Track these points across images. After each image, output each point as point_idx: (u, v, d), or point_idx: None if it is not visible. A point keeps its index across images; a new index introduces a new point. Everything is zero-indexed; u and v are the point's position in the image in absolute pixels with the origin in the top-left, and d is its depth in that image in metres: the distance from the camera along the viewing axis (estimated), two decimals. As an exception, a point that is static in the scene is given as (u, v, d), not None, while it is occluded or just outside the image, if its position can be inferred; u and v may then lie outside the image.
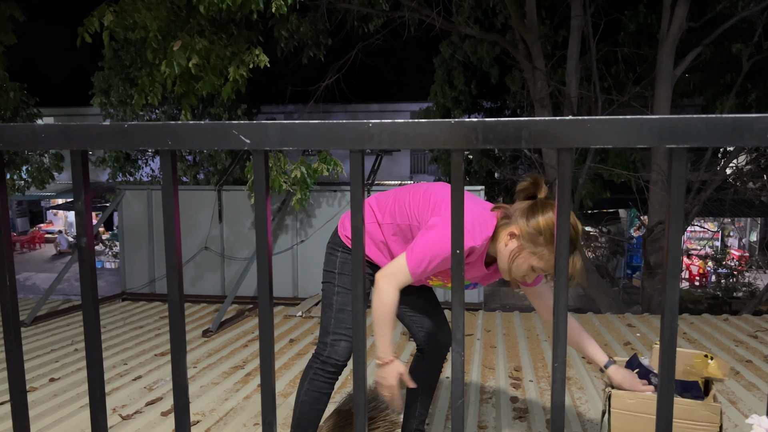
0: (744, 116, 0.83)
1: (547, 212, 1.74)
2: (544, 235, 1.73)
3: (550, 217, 1.73)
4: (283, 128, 0.94)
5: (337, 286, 2.05)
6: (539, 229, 1.74)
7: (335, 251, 2.09)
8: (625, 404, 1.87)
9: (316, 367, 2.04)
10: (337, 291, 2.05)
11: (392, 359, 1.87)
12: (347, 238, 2.05)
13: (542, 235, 1.73)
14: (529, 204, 1.79)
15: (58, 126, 0.98)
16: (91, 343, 1.05)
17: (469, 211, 1.82)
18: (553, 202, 1.75)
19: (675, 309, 0.92)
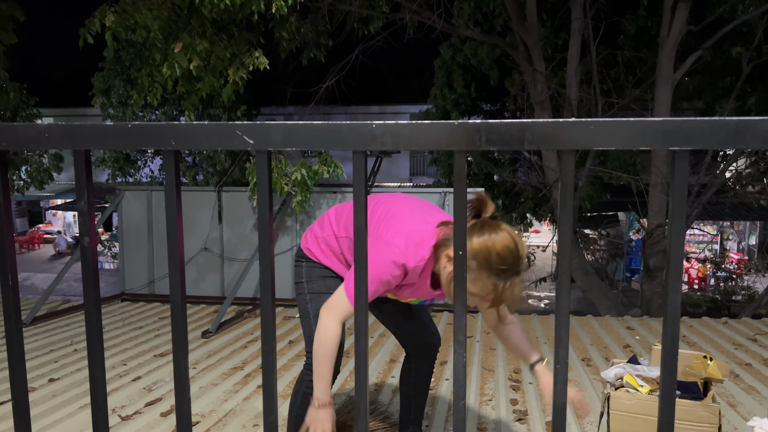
0: (747, 119, 0.84)
1: (484, 235, 1.62)
2: (477, 259, 1.61)
3: (485, 240, 1.61)
4: (286, 129, 0.94)
5: (308, 293, 2.07)
6: (472, 253, 1.61)
7: (300, 263, 2.12)
8: (623, 405, 1.87)
9: (308, 380, 2.01)
10: (309, 298, 2.06)
11: (329, 403, 1.80)
12: (308, 251, 2.09)
13: (475, 259, 1.61)
14: (469, 225, 1.67)
15: (61, 126, 0.99)
16: (93, 343, 1.05)
17: (407, 229, 1.79)
18: (498, 223, 1.67)
19: (677, 310, 0.92)
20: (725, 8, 7.34)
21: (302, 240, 2.17)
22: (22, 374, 1.09)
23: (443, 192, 6.15)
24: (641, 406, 1.84)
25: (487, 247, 1.60)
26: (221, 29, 5.50)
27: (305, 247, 2.12)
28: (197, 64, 5.00)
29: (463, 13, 8.55)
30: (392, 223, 1.82)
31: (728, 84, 8.77)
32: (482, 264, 1.61)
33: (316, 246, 2.09)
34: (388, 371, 3.61)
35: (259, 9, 4.82)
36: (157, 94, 5.58)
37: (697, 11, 7.78)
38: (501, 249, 1.60)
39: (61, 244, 21.40)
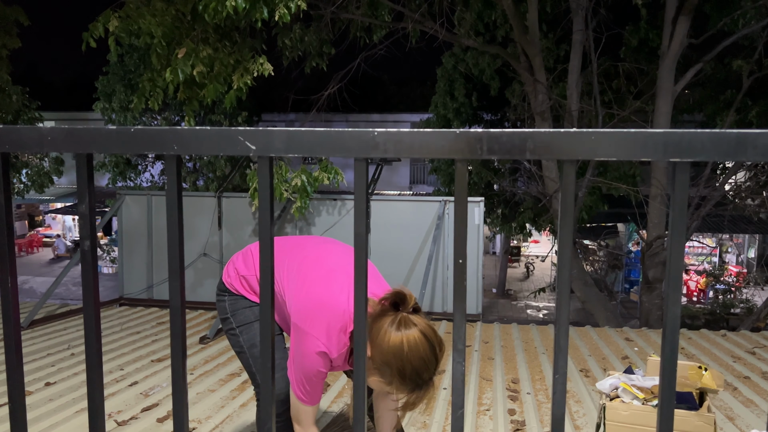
0: (749, 131, 0.84)
1: (399, 334, 1.51)
2: (390, 367, 1.52)
3: (400, 344, 1.50)
4: (288, 135, 0.95)
5: (237, 327, 2.00)
6: (386, 359, 1.52)
7: (222, 298, 2.06)
8: (619, 416, 1.87)
9: None
10: (239, 331, 2.00)
11: None
12: (232, 286, 2.03)
13: (389, 367, 1.52)
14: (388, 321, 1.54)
15: (64, 129, 0.99)
16: (91, 347, 1.05)
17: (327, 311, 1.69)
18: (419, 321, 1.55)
19: (676, 321, 0.92)
20: (726, 21, 7.37)
21: (224, 273, 2.09)
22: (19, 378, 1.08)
23: (443, 200, 6.16)
24: (636, 416, 1.84)
25: (402, 358, 1.51)
26: (224, 36, 5.52)
27: (228, 282, 2.04)
28: (200, 70, 5.02)
29: (464, 23, 8.59)
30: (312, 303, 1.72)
31: (729, 97, 8.80)
32: (395, 373, 1.53)
33: (239, 283, 2.02)
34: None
35: (263, 16, 4.84)
36: (159, 99, 5.60)
37: (698, 24, 7.82)
38: (417, 362, 1.51)
39: (60, 248, 21.39)
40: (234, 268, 2.04)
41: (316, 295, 1.74)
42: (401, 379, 1.53)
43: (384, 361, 1.52)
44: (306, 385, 1.73)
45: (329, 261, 1.85)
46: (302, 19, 7.23)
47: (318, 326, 1.69)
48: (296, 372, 1.73)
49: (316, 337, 1.69)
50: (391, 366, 1.52)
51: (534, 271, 21.39)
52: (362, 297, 0.99)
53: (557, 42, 9.69)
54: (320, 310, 1.71)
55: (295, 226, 6.42)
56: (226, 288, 2.04)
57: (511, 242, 20.01)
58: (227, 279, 2.05)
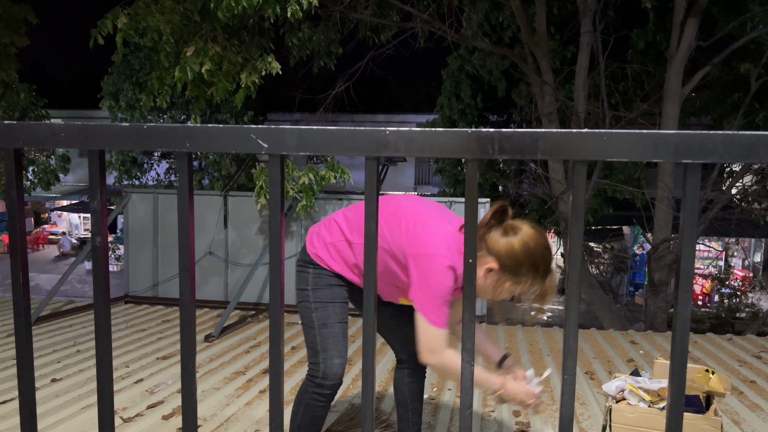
0: (761, 133, 0.84)
1: (518, 236, 1.67)
2: (525, 265, 1.68)
3: (525, 242, 1.66)
4: (300, 134, 0.95)
5: (314, 302, 2.01)
6: (519, 260, 1.67)
7: (306, 269, 2.05)
8: (625, 418, 1.86)
9: (311, 391, 1.98)
10: (314, 307, 2.00)
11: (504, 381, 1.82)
12: (317, 256, 2.02)
13: (523, 265, 1.68)
14: (500, 230, 1.70)
15: (77, 126, 0.99)
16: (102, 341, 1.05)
17: (443, 234, 1.78)
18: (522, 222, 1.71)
19: (686, 323, 0.92)
20: (734, 25, 7.34)
21: (308, 244, 2.07)
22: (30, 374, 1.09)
23: (449, 201, 6.16)
24: (643, 419, 1.83)
25: (531, 250, 1.67)
26: (232, 34, 5.53)
27: (313, 253, 2.03)
28: (209, 68, 5.03)
29: (472, 24, 8.58)
30: (424, 232, 1.80)
31: (736, 100, 8.77)
32: (529, 269, 1.69)
33: (326, 252, 2.01)
34: (390, 380, 3.60)
35: (275, 12, 4.84)
36: (167, 97, 5.62)
37: (707, 27, 7.80)
38: (543, 251, 1.69)
39: (66, 245, 21.46)
40: (319, 238, 2.03)
41: (429, 226, 1.81)
42: (535, 272, 1.70)
43: (517, 263, 1.67)
44: (439, 307, 1.74)
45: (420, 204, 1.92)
46: (311, 18, 7.24)
47: (440, 246, 1.75)
48: (426, 296, 1.75)
49: (441, 255, 1.74)
50: (524, 264, 1.67)
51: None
52: (371, 299, 0.99)
53: (565, 44, 9.68)
54: (437, 234, 1.78)
55: (301, 225, 6.43)
56: (311, 259, 2.03)
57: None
58: (312, 249, 2.04)
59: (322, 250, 2.02)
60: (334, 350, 1.96)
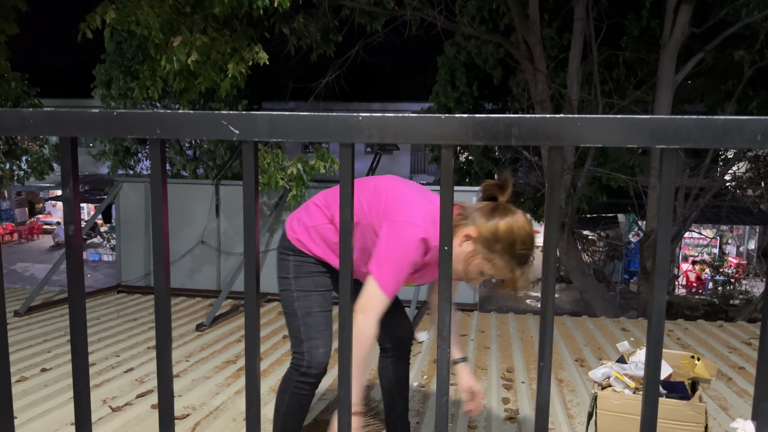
0: (735, 118, 0.83)
1: (507, 216, 1.66)
2: (501, 242, 1.66)
3: (510, 223, 1.65)
4: (272, 119, 0.94)
5: (296, 291, 1.97)
6: (498, 235, 1.66)
7: (287, 256, 2.01)
8: (610, 405, 1.87)
9: (296, 380, 1.96)
10: (297, 296, 1.97)
11: (362, 410, 1.82)
12: (298, 242, 1.98)
13: (500, 242, 1.66)
14: (490, 206, 1.70)
15: (46, 112, 0.98)
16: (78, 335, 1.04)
17: (420, 207, 1.76)
18: (516, 208, 1.71)
19: (662, 309, 0.91)
20: (728, 11, 7.32)
21: (288, 230, 2.03)
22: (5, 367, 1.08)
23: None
24: (628, 405, 1.84)
25: (513, 231, 1.65)
26: (224, 24, 5.49)
27: (294, 238, 1.99)
28: (196, 59, 4.99)
29: (466, 11, 8.53)
30: (402, 203, 1.78)
31: (730, 87, 8.76)
32: (506, 248, 1.66)
33: (307, 236, 1.97)
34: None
35: (264, 4, 4.80)
36: (158, 88, 5.58)
37: (700, 13, 7.76)
38: (525, 235, 1.67)
39: (60, 235, 21.40)
40: (300, 222, 2.00)
41: (406, 197, 1.80)
42: (510, 255, 1.68)
43: (494, 237, 1.65)
44: (394, 273, 1.71)
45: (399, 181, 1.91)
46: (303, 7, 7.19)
47: (415, 215, 1.73)
48: (385, 259, 1.72)
49: (415, 224, 1.72)
50: (501, 241, 1.65)
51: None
52: (346, 288, 0.98)
53: (558, 31, 9.63)
54: (413, 205, 1.77)
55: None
56: (292, 245, 1.99)
57: (511, 232, 19.97)
58: (292, 235, 2.00)
59: (303, 234, 1.99)
60: (318, 339, 1.94)
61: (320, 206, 1.97)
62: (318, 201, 1.99)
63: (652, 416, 0.92)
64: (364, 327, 1.70)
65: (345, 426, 1.00)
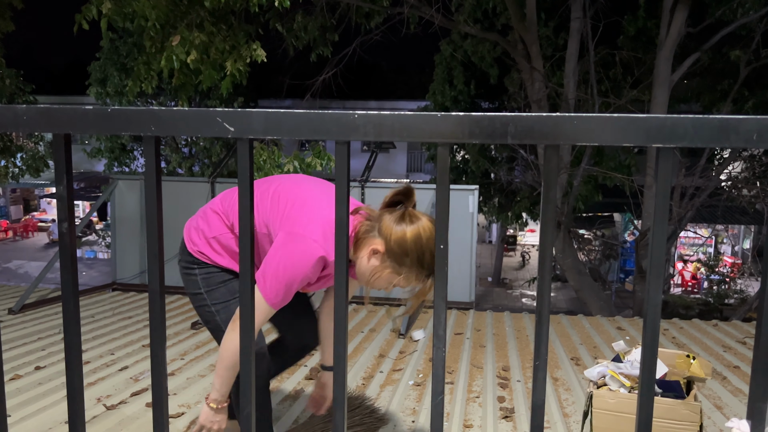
0: (731, 117, 0.83)
1: (413, 225, 1.58)
2: (410, 255, 1.59)
3: (418, 233, 1.57)
4: (267, 117, 0.93)
5: (213, 304, 1.88)
6: (406, 249, 1.58)
7: (191, 270, 1.91)
8: (606, 404, 1.87)
9: None
10: (216, 310, 1.88)
11: (226, 407, 1.82)
12: (201, 254, 1.88)
13: (408, 255, 1.59)
14: (397, 215, 1.61)
15: (40, 108, 0.97)
16: (71, 332, 1.04)
17: (321, 216, 1.66)
18: (423, 214, 1.63)
19: (657, 308, 0.91)
20: (724, 11, 7.33)
21: (187, 241, 1.92)
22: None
23: (438, 188, 6.15)
24: (623, 404, 1.84)
25: (421, 243, 1.58)
26: (220, 20, 5.47)
27: (195, 251, 1.88)
28: (195, 58, 4.98)
29: (463, 10, 8.53)
30: (303, 212, 1.68)
31: (726, 87, 8.78)
32: (414, 261, 1.60)
33: (208, 247, 1.87)
34: (376, 366, 3.61)
35: (261, 1, 4.79)
36: (153, 83, 5.56)
37: (697, 13, 7.79)
38: (433, 245, 1.57)
39: (55, 233, 21.34)
40: (199, 233, 1.89)
41: (308, 207, 1.70)
42: (419, 267, 1.61)
43: (403, 251, 1.58)
44: (282, 287, 1.63)
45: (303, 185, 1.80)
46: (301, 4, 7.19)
47: (315, 230, 1.64)
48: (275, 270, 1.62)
49: (313, 239, 1.62)
50: (410, 254, 1.58)
51: (530, 260, 21.46)
52: (343, 284, 0.98)
53: (555, 30, 9.64)
54: (315, 217, 1.66)
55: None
56: (195, 258, 1.89)
57: (507, 231, 20.04)
58: (193, 247, 1.89)
59: (205, 246, 1.88)
60: None
61: (219, 213, 1.86)
62: (216, 207, 1.88)
63: (648, 415, 0.92)
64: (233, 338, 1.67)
65: (339, 425, 1.00)
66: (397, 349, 3.99)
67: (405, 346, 4.07)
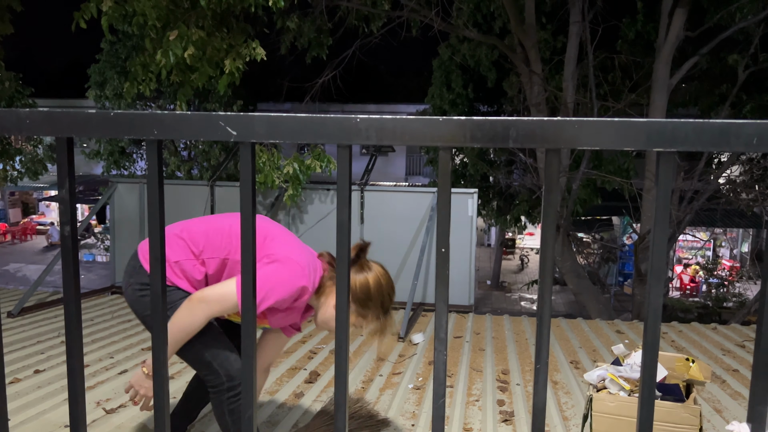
0: (731, 122, 0.83)
1: (372, 272, 1.83)
2: (374, 299, 1.83)
3: (378, 280, 1.83)
4: (270, 121, 0.93)
5: None
6: (370, 294, 1.83)
7: (144, 291, 1.94)
8: (606, 407, 1.87)
9: (227, 398, 1.90)
10: None
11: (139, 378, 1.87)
12: None
13: (372, 299, 1.83)
14: (357, 266, 1.84)
15: (43, 112, 0.97)
16: (73, 336, 1.04)
17: (298, 251, 1.82)
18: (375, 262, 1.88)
19: (658, 312, 0.92)
20: (723, 15, 7.35)
21: (143, 262, 1.97)
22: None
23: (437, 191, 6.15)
24: (623, 407, 1.84)
25: (382, 288, 1.85)
26: (221, 21, 5.47)
27: None
28: (192, 53, 4.97)
29: (462, 14, 8.55)
30: (280, 243, 1.82)
31: (724, 91, 8.79)
32: (377, 303, 1.85)
33: (169, 271, 1.90)
34: (376, 369, 3.61)
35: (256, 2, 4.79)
36: (151, 84, 5.55)
37: (695, 17, 7.81)
38: (390, 289, 1.89)
39: (54, 236, 21.31)
40: None
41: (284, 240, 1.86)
42: (380, 308, 1.87)
43: (367, 296, 1.83)
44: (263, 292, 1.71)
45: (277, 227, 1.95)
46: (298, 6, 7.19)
47: (299, 257, 1.80)
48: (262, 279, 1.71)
49: (300, 264, 1.78)
50: (373, 299, 1.84)
51: (528, 264, 21.47)
52: (344, 287, 0.98)
53: (554, 34, 9.66)
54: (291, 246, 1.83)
55: (288, 213, 6.40)
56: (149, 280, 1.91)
57: (506, 234, 20.05)
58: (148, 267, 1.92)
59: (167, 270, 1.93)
60: (223, 351, 1.90)
61: (185, 240, 1.90)
62: (181, 234, 1.92)
63: (648, 418, 0.92)
64: (197, 313, 1.74)
65: (341, 427, 1.00)
66: (397, 353, 3.99)
67: (404, 350, 4.07)
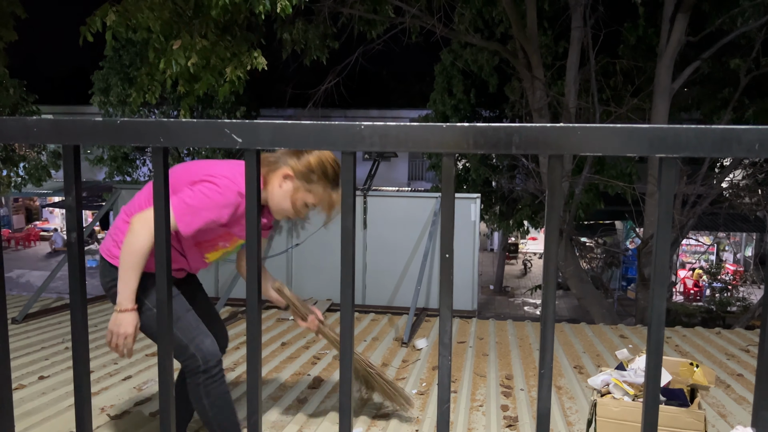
0: (733, 127, 0.84)
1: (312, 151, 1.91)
2: (316, 172, 1.94)
3: (317, 154, 1.93)
4: (275, 128, 0.94)
5: (150, 310, 1.94)
6: (311, 167, 1.93)
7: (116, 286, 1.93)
8: (610, 412, 1.87)
9: (203, 381, 1.95)
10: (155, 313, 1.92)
11: (133, 308, 1.86)
12: None
13: (314, 172, 1.94)
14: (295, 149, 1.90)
15: (50, 120, 0.98)
16: (79, 341, 1.05)
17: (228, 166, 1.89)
18: None
19: (662, 316, 0.92)
20: (724, 20, 7.36)
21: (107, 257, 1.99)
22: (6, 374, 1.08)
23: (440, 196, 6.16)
24: (627, 412, 1.84)
25: (322, 160, 1.95)
26: (224, 30, 5.50)
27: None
28: (195, 62, 5.00)
29: (464, 20, 8.57)
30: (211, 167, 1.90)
31: (726, 95, 8.80)
32: (320, 175, 1.95)
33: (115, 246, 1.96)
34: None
35: (265, 9, 4.81)
36: (156, 93, 5.59)
37: (697, 22, 7.81)
38: (332, 158, 1.97)
39: (58, 242, 21.36)
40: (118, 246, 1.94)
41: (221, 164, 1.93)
42: (325, 179, 1.96)
43: (309, 169, 1.94)
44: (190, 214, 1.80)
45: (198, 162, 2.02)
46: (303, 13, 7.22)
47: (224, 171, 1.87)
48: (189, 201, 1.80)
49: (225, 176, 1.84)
50: (315, 171, 1.94)
51: (531, 268, 21.44)
52: (349, 277, 0.98)
53: (556, 39, 9.68)
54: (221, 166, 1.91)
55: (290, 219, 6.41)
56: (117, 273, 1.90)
57: (508, 239, 20.03)
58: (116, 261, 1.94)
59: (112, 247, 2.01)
60: (198, 335, 1.98)
61: (128, 214, 1.98)
62: (125, 217, 1.98)
63: (653, 423, 0.93)
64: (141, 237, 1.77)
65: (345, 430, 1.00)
66: (400, 358, 3.99)
67: (408, 355, 4.07)
